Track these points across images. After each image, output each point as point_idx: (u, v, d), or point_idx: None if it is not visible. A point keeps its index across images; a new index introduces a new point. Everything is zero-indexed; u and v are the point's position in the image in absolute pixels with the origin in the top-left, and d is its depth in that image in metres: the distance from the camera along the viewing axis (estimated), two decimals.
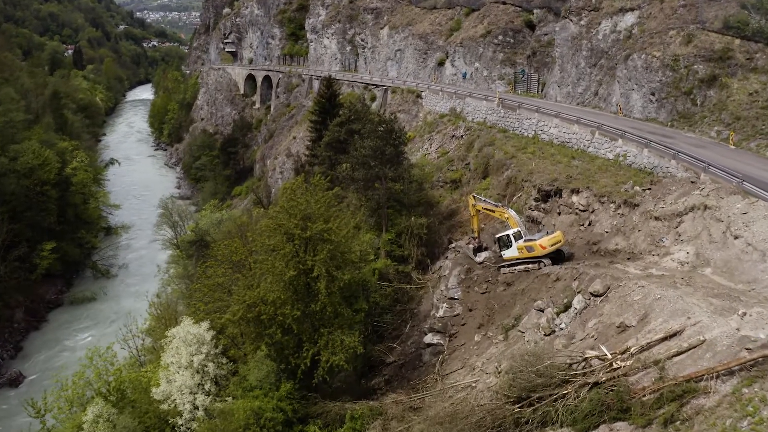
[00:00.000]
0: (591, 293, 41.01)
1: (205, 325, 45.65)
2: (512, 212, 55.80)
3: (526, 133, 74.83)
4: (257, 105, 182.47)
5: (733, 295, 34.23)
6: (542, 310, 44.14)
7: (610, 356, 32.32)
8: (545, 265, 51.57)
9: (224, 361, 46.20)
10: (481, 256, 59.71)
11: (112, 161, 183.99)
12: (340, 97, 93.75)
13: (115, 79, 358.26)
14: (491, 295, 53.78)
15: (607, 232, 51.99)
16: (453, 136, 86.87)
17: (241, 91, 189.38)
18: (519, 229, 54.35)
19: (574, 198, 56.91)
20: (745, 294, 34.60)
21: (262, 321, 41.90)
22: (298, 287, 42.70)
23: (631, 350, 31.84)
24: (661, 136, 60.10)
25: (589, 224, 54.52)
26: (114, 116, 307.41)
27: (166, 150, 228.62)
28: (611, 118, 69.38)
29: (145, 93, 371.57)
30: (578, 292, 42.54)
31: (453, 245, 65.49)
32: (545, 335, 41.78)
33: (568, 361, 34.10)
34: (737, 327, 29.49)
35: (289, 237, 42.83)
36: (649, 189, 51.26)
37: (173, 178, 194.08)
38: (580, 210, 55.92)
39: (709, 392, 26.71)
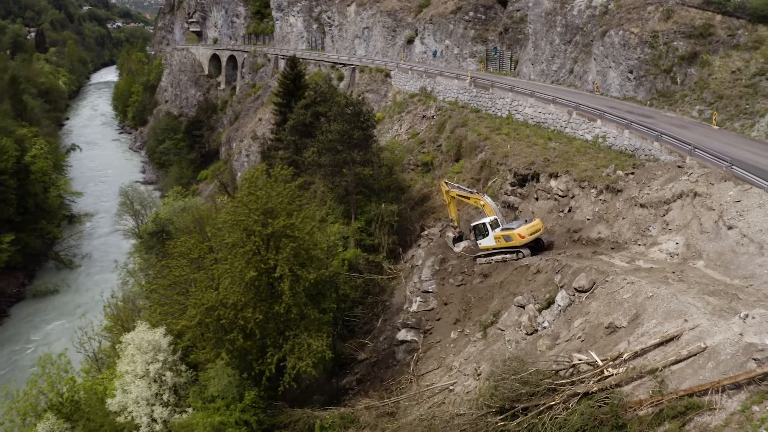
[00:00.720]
0: (575, 289, 38.30)
1: (161, 330, 42.23)
2: (488, 199, 52.99)
3: (499, 113, 72.06)
4: (222, 86, 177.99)
5: (731, 293, 31.64)
6: (523, 306, 41.38)
7: (600, 363, 29.57)
8: (524, 256, 48.91)
9: (183, 368, 42.70)
10: (460, 246, 56.95)
11: (73, 147, 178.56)
12: (306, 77, 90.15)
13: (78, 61, 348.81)
14: (467, 287, 51.00)
15: (588, 219, 49.29)
16: (424, 116, 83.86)
17: (206, 72, 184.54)
18: (496, 217, 51.66)
19: (553, 182, 54.18)
20: (743, 291, 32.03)
21: (222, 326, 38.63)
22: (260, 288, 39.45)
23: (624, 356, 29.09)
24: (640, 115, 57.66)
25: (569, 211, 51.81)
26: (78, 99, 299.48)
27: (130, 133, 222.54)
28: (588, 97, 66.81)
29: (109, 75, 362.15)
30: (561, 287, 39.84)
31: (426, 232, 62.71)
32: (527, 334, 39.04)
33: (554, 366, 31.35)
34: (740, 332, 26.88)
35: (249, 233, 39.50)
36: (632, 173, 48.59)
37: (138, 162, 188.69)
38: (559, 195, 53.19)
39: (715, 409, 24.11)
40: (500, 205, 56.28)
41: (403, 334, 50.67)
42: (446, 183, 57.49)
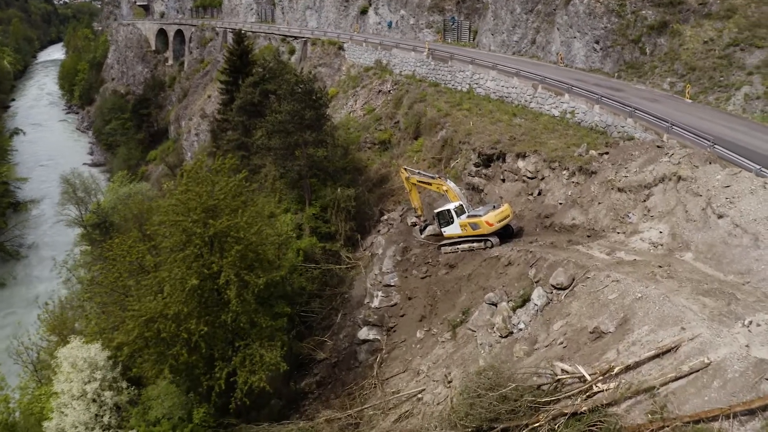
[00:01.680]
0: (553, 285, 34.88)
1: (98, 345, 37.97)
2: (451, 184, 49.38)
3: (459, 87, 68.50)
4: (170, 62, 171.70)
5: (727, 291, 28.48)
6: (495, 305, 37.93)
7: (589, 377, 26.28)
8: (493, 245, 45.46)
9: (125, 385, 38.61)
10: (426, 232, 53.35)
11: (16, 131, 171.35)
12: (256, 51, 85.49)
13: (24, 39, 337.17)
14: (432, 280, 47.44)
15: (560, 203, 45.89)
16: (380, 91, 79.87)
17: (153, 48, 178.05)
18: (461, 202, 48.08)
19: (520, 163, 50.72)
20: (740, 289, 28.90)
21: (163, 339, 34.49)
22: (204, 296, 35.38)
23: (615, 370, 25.80)
24: (608, 88, 54.58)
25: (539, 194, 48.40)
26: (24, 79, 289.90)
27: (77, 113, 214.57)
28: (552, 69, 63.42)
29: (57, 53, 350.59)
30: (537, 283, 36.48)
31: (385, 217, 59.12)
32: (501, 337, 35.60)
33: (535, 379, 27.99)
34: (746, 343, 23.77)
35: (189, 235, 35.28)
36: (607, 153, 45.28)
37: (86, 143, 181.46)
38: (528, 177, 49.77)
39: None
40: (464, 188, 52.94)
41: (364, 333, 47.08)
42: (406, 169, 53.64)
